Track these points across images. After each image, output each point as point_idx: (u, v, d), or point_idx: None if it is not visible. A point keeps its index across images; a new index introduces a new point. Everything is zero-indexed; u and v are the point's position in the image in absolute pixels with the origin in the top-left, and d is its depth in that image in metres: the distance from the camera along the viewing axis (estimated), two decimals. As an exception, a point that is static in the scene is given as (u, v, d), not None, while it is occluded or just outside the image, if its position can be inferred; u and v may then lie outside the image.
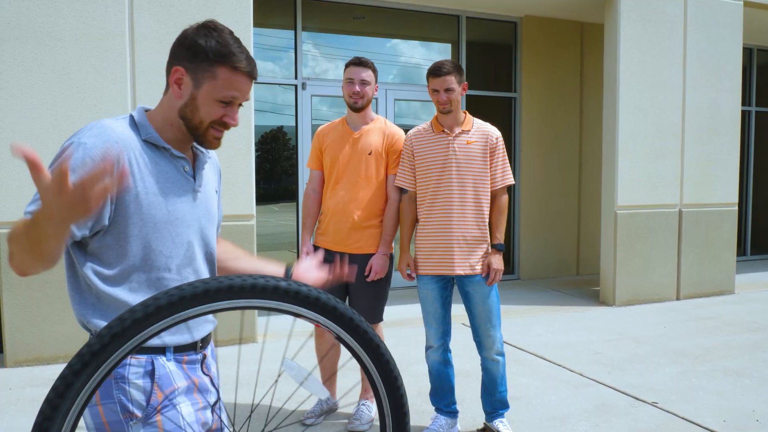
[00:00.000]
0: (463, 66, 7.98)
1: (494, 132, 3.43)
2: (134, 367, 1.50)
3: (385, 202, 3.56)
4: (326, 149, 3.59)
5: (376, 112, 7.48)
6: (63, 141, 4.62)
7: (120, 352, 1.01)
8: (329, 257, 3.54)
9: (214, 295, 1.08)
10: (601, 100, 8.45)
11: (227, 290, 1.08)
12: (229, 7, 5.11)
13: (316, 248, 3.63)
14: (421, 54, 8.11)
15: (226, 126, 1.55)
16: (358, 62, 3.50)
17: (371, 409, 3.68)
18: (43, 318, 4.68)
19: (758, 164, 10.26)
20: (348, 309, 1.15)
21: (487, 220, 3.41)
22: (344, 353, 4.72)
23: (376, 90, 3.58)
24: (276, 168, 7.49)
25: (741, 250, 10.13)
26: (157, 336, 1.53)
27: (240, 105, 1.57)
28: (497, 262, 3.36)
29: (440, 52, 8.23)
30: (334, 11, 7.43)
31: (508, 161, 3.46)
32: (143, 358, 1.52)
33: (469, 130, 3.39)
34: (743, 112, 9.83)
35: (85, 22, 4.71)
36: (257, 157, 7.19)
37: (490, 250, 3.40)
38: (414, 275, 3.49)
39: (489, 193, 3.40)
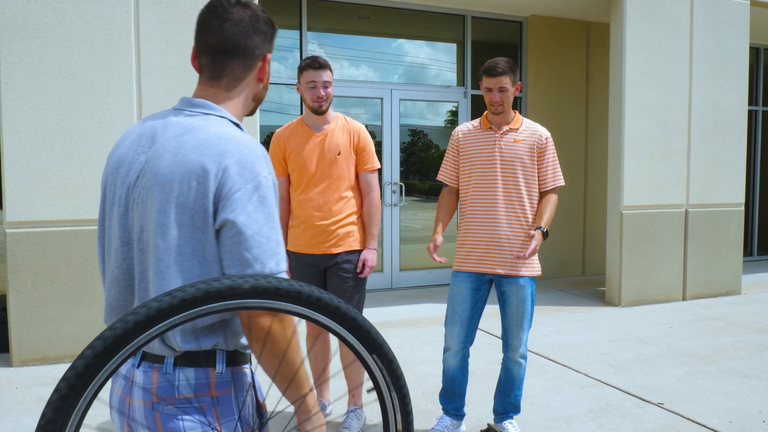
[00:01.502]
0: (469, 66, 7.98)
1: (544, 132, 3.37)
2: (247, 378, 1.43)
3: (359, 199, 3.51)
4: (290, 155, 3.47)
5: (381, 112, 7.53)
6: (68, 141, 4.64)
7: (126, 350, 1.02)
8: (308, 261, 3.47)
9: (229, 296, 1.08)
10: (607, 99, 8.42)
11: (252, 290, 1.08)
12: (235, 7, 5.11)
13: (293, 254, 3.53)
14: (426, 54, 8.10)
15: None
16: (318, 65, 3.36)
17: (360, 417, 3.58)
18: (49, 318, 4.70)
19: (765, 164, 10.21)
20: (351, 309, 1.15)
21: (532, 219, 3.33)
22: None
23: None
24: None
25: (748, 251, 10.08)
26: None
27: None
28: (538, 238, 3.20)
29: (446, 51, 8.22)
30: (340, 11, 7.43)
31: (558, 162, 3.41)
32: (247, 367, 1.45)
33: (518, 129, 3.34)
34: (750, 112, 9.79)
35: (91, 22, 4.72)
36: (262, 157, 7.19)
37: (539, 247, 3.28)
38: (441, 260, 3.36)
39: (536, 194, 3.35)
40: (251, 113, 1.55)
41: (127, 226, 1.38)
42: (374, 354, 1.17)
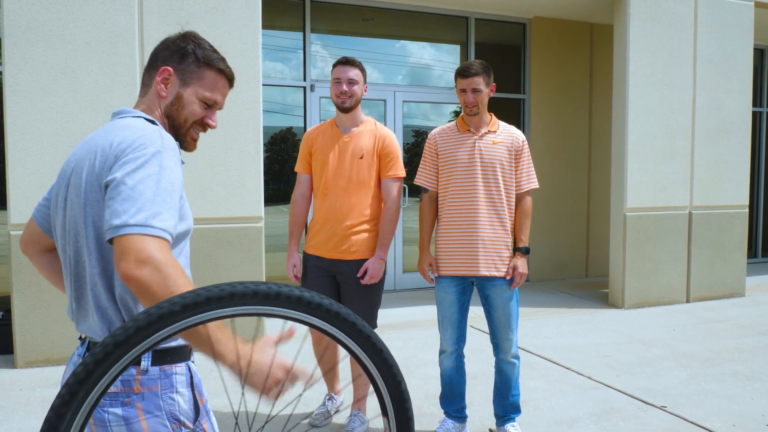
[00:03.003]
0: (472, 67, 7.97)
1: (520, 135, 3.42)
2: (180, 376, 1.50)
3: (378, 206, 3.46)
4: (315, 153, 3.48)
5: (384, 113, 7.53)
6: (73, 143, 4.66)
7: (128, 356, 1.02)
8: (321, 264, 3.46)
9: (230, 301, 1.08)
10: (610, 101, 8.41)
11: (252, 295, 1.08)
12: (238, 9, 5.13)
13: (306, 256, 3.54)
14: (430, 55, 8.11)
15: (205, 128, 1.65)
16: (345, 61, 3.39)
17: (364, 420, 3.58)
18: (54, 319, 4.71)
19: (769, 165, 10.19)
20: (351, 314, 1.15)
21: (512, 221, 3.39)
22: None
23: (365, 90, 3.47)
24: (285, 169, 7.51)
25: (752, 253, 10.06)
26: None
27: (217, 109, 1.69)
28: (522, 265, 3.33)
29: (449, 53, 8.22)
30: (343, 13, 7.44)
31: (533, 165, 3.45)
32: (183, 366, 1.52)
33: (495, 131, 3.38)
34: (754, 113, 9.76)
35: (95, 25, 4.74)
36: (266, 158, 7.21)
37: (514, 253, 3.37)
38: (435, 276, 3.44)
39: (513, 195, 3.38)
40: (177, 137, 1.63)
41: (65, 225, 1.52)
42: (372, 357, 1.17)
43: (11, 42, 4.53)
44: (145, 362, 1.44)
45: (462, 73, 3.32)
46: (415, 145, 8.03)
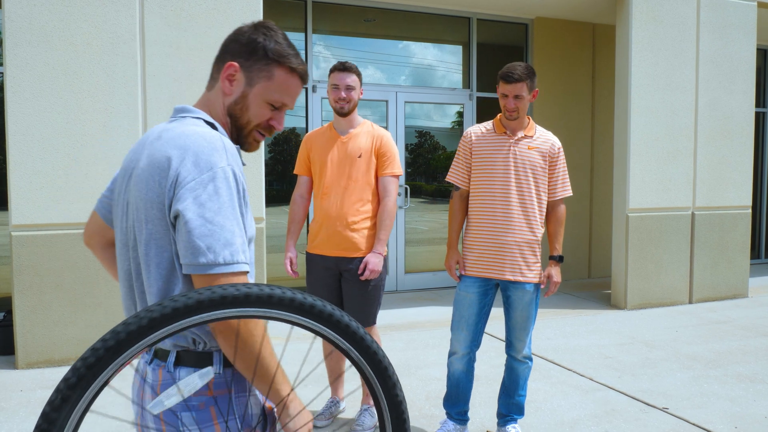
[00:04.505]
0: (474, 69, 7.96)
1: (556, 142, 3.37)
2: None
3: (377, 203, 3.55)
4: (314, 155, 3.58)
5: (386, 114, 7.53)
6: (74, 144, 4.66)
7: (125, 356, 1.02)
8: (324, 263, 3.53)
9: (220, 304, 1.08)
10: (613, 102, 8.40)
11: (267, 299, 1.08)
12: (239, 9, 5.13)
13: (311, 255, 3.60)
14: (432, 56, 8.10)
15: (271, 131, 1.53)
16: (343, 68, 3.49)
17: (374, 415, 3.64)
18: (55, 320, 4.71)
19: (773, 166, 10.16)
20: (345, 315, 1.14)
21: (542, 227, 3.35)
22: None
23: (362, 93, 3.58)
24: (287, 170, 7.51)
25: (755, 254, 10.03)
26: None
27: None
28: (557, 274, 3.32)
29: (452, 53, 8.21)
30: (345, 14, 7.44)
31: (567, 173, 3.42)
32: None
33: (532, 136, 3.34)
34: (757, 114, 9.73)
35: (96, 26, 4.74)
36: (269, 159, 7.21)
37: (548, 261, 3.35)
38: (461, 274, 3.41)
39: (546, 201, 3.35)
40: (239, 137, 1.52)
41: (125, 229, 1.45)
42: (367, 358, 1.17)
43: (12, 42, 4.54)
44: (217, 366, 1.39)
45: (505, 78, 3.24)
46: (418, 146, 8.02)
